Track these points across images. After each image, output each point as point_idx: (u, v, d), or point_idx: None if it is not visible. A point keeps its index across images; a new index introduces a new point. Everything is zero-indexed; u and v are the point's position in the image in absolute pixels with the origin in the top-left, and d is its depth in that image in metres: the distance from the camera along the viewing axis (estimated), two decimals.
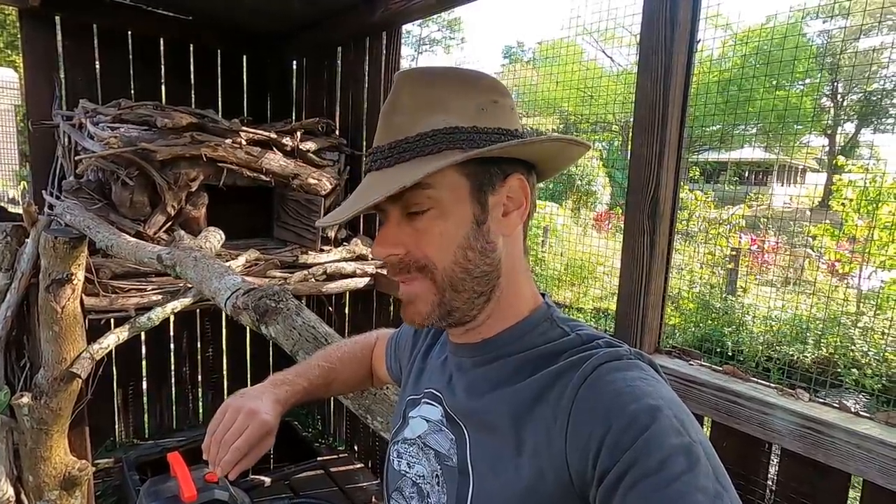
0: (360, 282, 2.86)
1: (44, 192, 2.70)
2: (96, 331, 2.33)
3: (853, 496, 1.32)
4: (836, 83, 18.96)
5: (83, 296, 2.16)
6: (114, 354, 3.07)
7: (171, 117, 2.37)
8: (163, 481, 2.00)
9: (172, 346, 3.58)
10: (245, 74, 3.57)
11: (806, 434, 1.28)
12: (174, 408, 3.63)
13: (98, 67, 3.03)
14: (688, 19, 1.52)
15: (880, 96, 19.62)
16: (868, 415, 1.27)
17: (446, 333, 0.75)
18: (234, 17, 3.17)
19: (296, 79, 3.54)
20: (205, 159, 2.43)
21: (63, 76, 2.88)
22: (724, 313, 5.00)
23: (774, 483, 1.41)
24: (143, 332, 2.78)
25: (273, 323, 1.35)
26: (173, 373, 3.59)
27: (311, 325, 1.32)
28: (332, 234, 2.85)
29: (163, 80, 3.28)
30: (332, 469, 3.07)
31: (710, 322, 5.07)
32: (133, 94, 3.12)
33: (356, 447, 3.41)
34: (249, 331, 3.69)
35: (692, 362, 1.58)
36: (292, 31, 3.35)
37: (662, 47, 1.52)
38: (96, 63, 3.02)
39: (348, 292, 3.07)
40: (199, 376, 3.71)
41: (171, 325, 3.51)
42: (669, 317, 5.11)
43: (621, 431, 0.51)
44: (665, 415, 0.51)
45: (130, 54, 3.13)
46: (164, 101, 3.24)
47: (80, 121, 2.51)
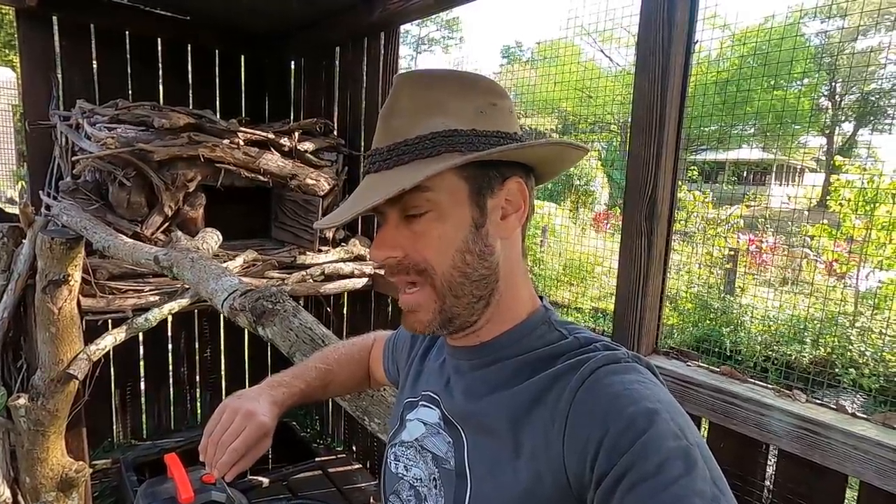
0: (359, 282, 2.86)
1: (41, 192, 2.69)
2: (93, 332, 2.32)
3: (850, 497, 1.32)
4: (834, 83, 19.01)
5: (80, 297, 2.15)
6: (111, 355, 3.06)
7: (168, 117, 2.36)
8: (160, 482, 2.00)
9: (170, 346, 3.57)
10: (243, 74, 3.56)
11: (803, 435, 1.28)
12: (172, 409, 3.62)
13: (95, 67, 3.02)
14: (685, 20, 1.52)
15: (878, 96, 19.68)
16: (865, 416, 1.27)
17: (443, 336, 0.75)
18: (233, 17, 3.16)
19: (294, 79, 3.54)
20: (202, 160, 2.43)
21: (60, 76, 2.87)
22: (722, 313, 5.01)
23: (772, 484, 1.41)
24: (140, 333, 2.78)
25: (270, 324, 1.34)
26: (171, 374, 3.59)
27: (308, 326, 1.31)
28: (330, 234, 2.85)
29: (160, 81, 3.27)
30: (331, 470, 3.06)
31: (708, 322, 5.08)
32: (130, 94, 3.11)
33: (354, 448, 3.41)
34: (248, 331, 3.68)
35: (689, 363, 1.58)
36: (290, 31, 3.35)
37: (660, 48, 1.52)
38: (94, 63, 3.01)
39: (346, 293, 3.07)
40: (197, 377, 3.70)
41: (169, 326, 3.50)
42: (668, 317, 5.12)
43: (619, 435, 0.51)
44: (662, 418, 0.51)
45: (128, 54, 3.12)
46: (162, 102, 3.23)
47: (77, 121, 2.50)
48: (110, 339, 2.21)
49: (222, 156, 2.47)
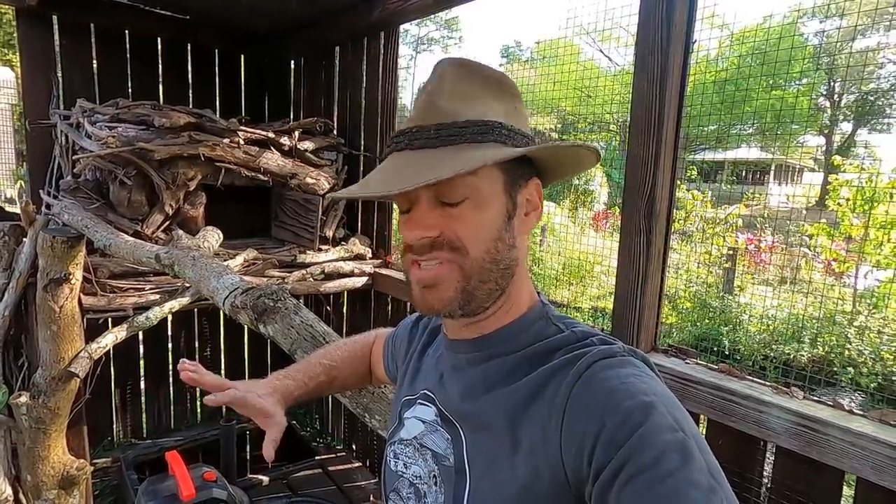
0: (359, 281, 2.87)
1: (41, 191, 2.70)
2: (94, 330, 2.33)
3: (847, 493, 1.33)
4: (832, 83, 19.01)
5: (81, 295, 2.16)
6: (112, 354, 3.06)
7: (168, 117, 2.37)
8: (161, 480, 2.00)
9: (171, 345, 3.57)
10: (243, 74, 3.57)
11: (801, 432, 1.29)
12: (172, 407, 3.62)
13: (95, 67, 3.02)
14: (684, 20, 1.53)
15: (877, 96, 19.69)
16: (862, 413, 1.28)
17: (442, 331, 0.76)
18: (232, 16, 3.17)
19: (294, 78, 3.54)
20: (203, 159, 2.43)
21: (60, 75, 2.87)
22: (720, 312, 5.02)
23: (769, 480, 1.42)
24: (141, 332, 2.79)
25: (271, 322, 1.35)
26: (171, 372, 3.59)
27: (309, 323, 1.32)
28: (329, 233, 2.85)
29: (160, 80, 3.28)
30: (331, 468, 3.07)
31: (707, 321, 5.09)
32: (131, 93, 3.12)
33: (354, 446, 3.41)
34: (248, 330, 3.69)
35: (688, 361, 1.59)
36: (290, 31, 3.35)
37: (659, 48, 1.53)
38: (94, 62, 3.01)
39: (346, 292, 3.07)
40: None
41: (170, 325, 3.51)
42: (667, 316, 5.13)
43: (616, 428, 0.52)
44: (659, 411, 0.52)
45: (128, 53, 3.13)
46: (162, 101, 3.23)
47: (77, 120, 2.50)
48: (111, 338, 2.21)
49: (223, 155, 2.48)
